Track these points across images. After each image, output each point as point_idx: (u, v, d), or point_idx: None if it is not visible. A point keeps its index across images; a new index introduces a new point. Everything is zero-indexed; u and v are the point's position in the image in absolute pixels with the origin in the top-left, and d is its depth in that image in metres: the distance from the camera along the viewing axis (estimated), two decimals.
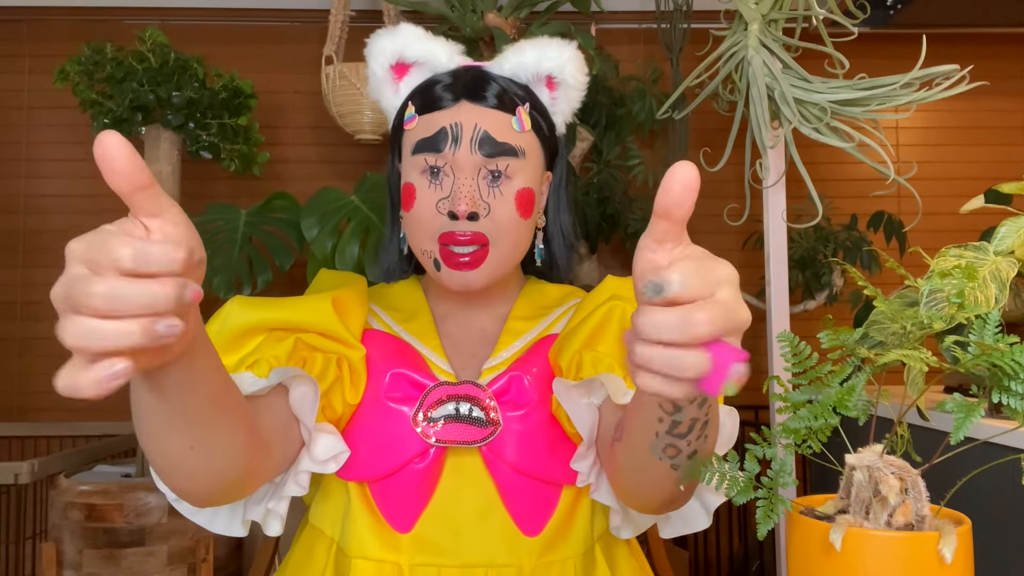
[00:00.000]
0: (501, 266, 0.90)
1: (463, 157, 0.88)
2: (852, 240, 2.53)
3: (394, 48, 0.94)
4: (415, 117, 0.92)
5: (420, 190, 0.89)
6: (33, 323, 2.83)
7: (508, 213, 0.88)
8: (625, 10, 2.79)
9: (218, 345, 0.82)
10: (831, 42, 1.67)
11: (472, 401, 0.86)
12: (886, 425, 0.60)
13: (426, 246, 0.89)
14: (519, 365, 0.90)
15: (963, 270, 0.68)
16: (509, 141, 0.89)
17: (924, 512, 0.54)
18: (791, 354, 0.61)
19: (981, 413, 0.52)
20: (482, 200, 0.88)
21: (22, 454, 2.73)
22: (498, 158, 0.88)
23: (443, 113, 0.89)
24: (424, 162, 0.89)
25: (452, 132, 0.88)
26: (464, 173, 0.88)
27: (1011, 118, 3.02)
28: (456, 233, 0.86)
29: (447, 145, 0.88)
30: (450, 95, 0.90)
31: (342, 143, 2.77)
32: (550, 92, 0.94)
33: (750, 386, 1.33)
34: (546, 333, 0.95)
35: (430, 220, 0.88)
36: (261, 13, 2.88)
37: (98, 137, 0.45)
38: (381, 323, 0.96)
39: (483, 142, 0.88)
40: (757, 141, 1.67)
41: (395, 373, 0.88)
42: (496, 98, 0.90)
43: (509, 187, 0.89)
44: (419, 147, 0.90)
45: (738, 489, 0.57)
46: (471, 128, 0.88)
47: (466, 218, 0.86)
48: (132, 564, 2.04)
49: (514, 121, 0.90)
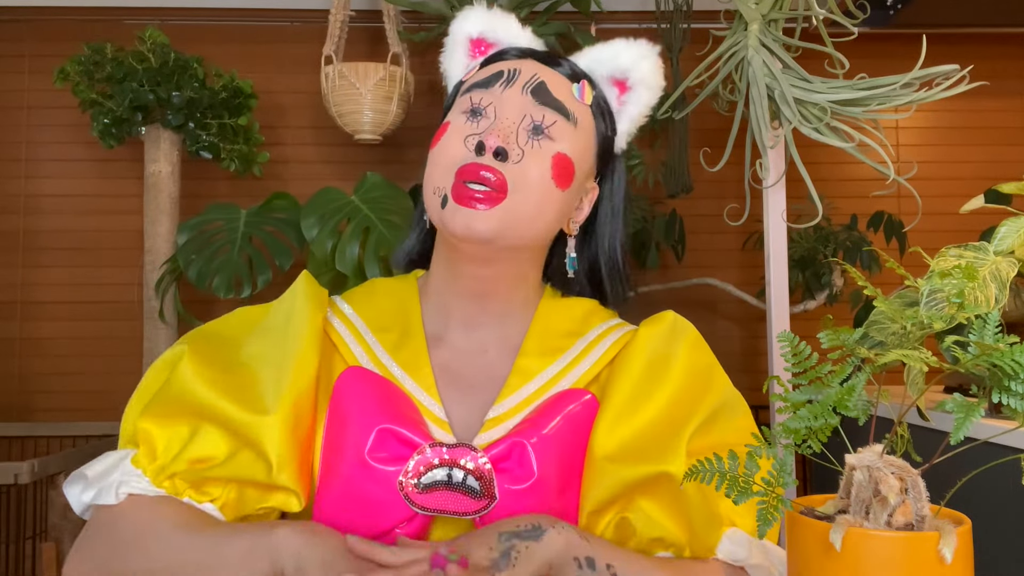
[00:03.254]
0: (514, 223, 0.78)
1: (511, 95, 0.81)
2: (852, 240, 2.53)
3: (484, 24, 0.89)
4: (475, 68, 0.87)
5: (453, 126, 0.82)
6: (33, 323, 2.83)
7: (540, 169, 0.79)
8: (625, 10, 2.79)
9: (156, 401, 0.78)
10: (831, 42, 1.67)
11: (466, 469, 0.76)
12: (886, 425, 0.60)
13: (440, 182, 0.79)
14: (524, 426, 0.79)
15: (963, 270, 0.68)
16: (564, 101, 0.82)
17: (924, 512, 0.54)
18: (791, 354, 0.61)
19: (981, 413, 0.52)
20: (517, 145, 0.79)
21: (22, 454, 2.73)
22: (547, 109, 0.81)
23: (505, 63, 0.84)
24: (469, 101, 0.82)
25: (508, 74, 0.83)
26: (507, 112, 0.80)
27: (1011, 118, 3.02)
28: (478, 165, 0.77)
29: (499, 83, 0.82)
30: (519, 52, 0.86)
31: (342, 143, 2.77)
32: (620, 97, 0.88)
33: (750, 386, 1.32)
34: (562, 378, 0.84)
35: (454, 152, 0.79)
36: (261, 13, 2.88)
37: None
38: (367, 352, 0.84)
39: (537, 89, 0.82)
40: (757, 141, 1.67)
41: (382, 430, 0.77)
42: (564, 66, 0.85)
43: (549, 146, 0.80)
44: (469, 87, 0.84)
45: (738, 489, 0.57)
46: (529, 74, 0.83)
47: (493, 154, 0.77)
48: None
49: (575, 88, 0.84)
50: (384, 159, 2.85)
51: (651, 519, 0.76)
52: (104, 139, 2.27)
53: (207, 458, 0.76)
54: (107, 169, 2.85)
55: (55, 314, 2.83)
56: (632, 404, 0.79)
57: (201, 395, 0.77)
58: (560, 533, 0.70)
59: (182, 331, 2.30)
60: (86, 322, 2.82)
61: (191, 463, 0.76)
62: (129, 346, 2.75)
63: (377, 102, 2.40)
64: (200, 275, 2.10)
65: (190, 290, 2.23)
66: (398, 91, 2.42)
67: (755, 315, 2.83)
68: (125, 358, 2.76)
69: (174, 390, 0.78)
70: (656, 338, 0.85)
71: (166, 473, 0.75)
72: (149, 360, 2.25)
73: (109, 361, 2.81)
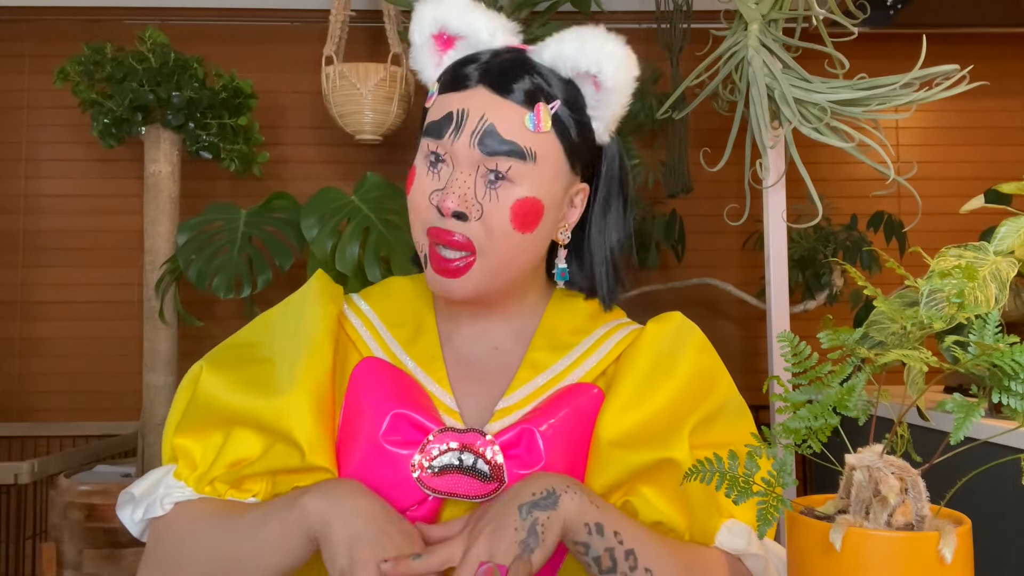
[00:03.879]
0: (489, 279, 0.81)
1: (460, 149, 0.79)
2: (852, 240, 2.53)
3: (435, 16, 0.85)
4: (435, 95, 0.84)
5: (419, 176, 0.83)
6: (33, 323, 2.83)
7: (500, 222, 0.79)
8: (625, 10, 2.79)
9: (186, 418, 0.82)
10: (831, 42, 1.67)
11: (477, 452, 0.78)
12: (886, 425, 0.60)
13: (419, 238, 0.83)
14: (533, 415, 0.81)
15: (963, 270, 0.68)
16: (517, 140, 0.79)
17: (924, 512, 0.54)
18: (791, 354, 0.61)
19: (981, 413, 0.52)
20: (475, 201, 0.79)
21: (22, 454, 2.73)
22: (499, 157, 0.79)
23: (456, 96, 0.81)
24: (427, 147, 0.82)
25: (456, 119, 0.80)
26: (461, 167, 0.80)
27: (1011, 118, 3.02)
28: (443, 231, 0.79)
29: (448, 132, 0.80)
30: (475, 76, 0.81)
31: (342, 143, 2.77)
32: (595, 92, 0.83)
33: (750, 386, 1.33)
34: (570, 372, 0.86)
35: (422, 210, 0.81)
36: (261, 13, 2.89)
37: None
38: (382, 345, 0.87)
39: (485, 137, 0.79)
40: (757, 141, 1.67)
41: (396, 415, 0.80)
42: (520, 90, 0.80)
43: (508, 193, 0.79)
44: (426, 130, 0.83)
45: (738, 489, 0.57)
46: (477, 118, 0.79)
47: (451, 216, 0.78)
48: (132, 564, 2.04)
49: (528, 119, 0.79)
50: (384, 159, 2.85)
51: (652, 505, 0.78)
52: (104, 139, 2.27)
53: (243, 459, 0.79)
54: (107, 169, 2.85)
55: (55, 314, 2.83)
56: (638, 395, 0.81)
57: (225, 401, 0.80)
58: (573, 497, 0.72)
59: (182, 331, 2.30)
60: (86, 322, 2.82)
61: (229, 467, 0.79)
62: (129, 346, 2.75)
63: (378, 102, 2.40)
64: (200, 275, 2.10)
65: (190, 290, 2.23)
66: (399, 91, 2.42)
67: (755, 315, 2.83)
68: (125, 358, 2.76)
69: (200, 404, 0.82)
70: (663, 337, 0.86)
71: (206, 479, 0.80)
72: (149, 360, 2.25)
73: (109, 361, 2.81)
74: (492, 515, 0.71)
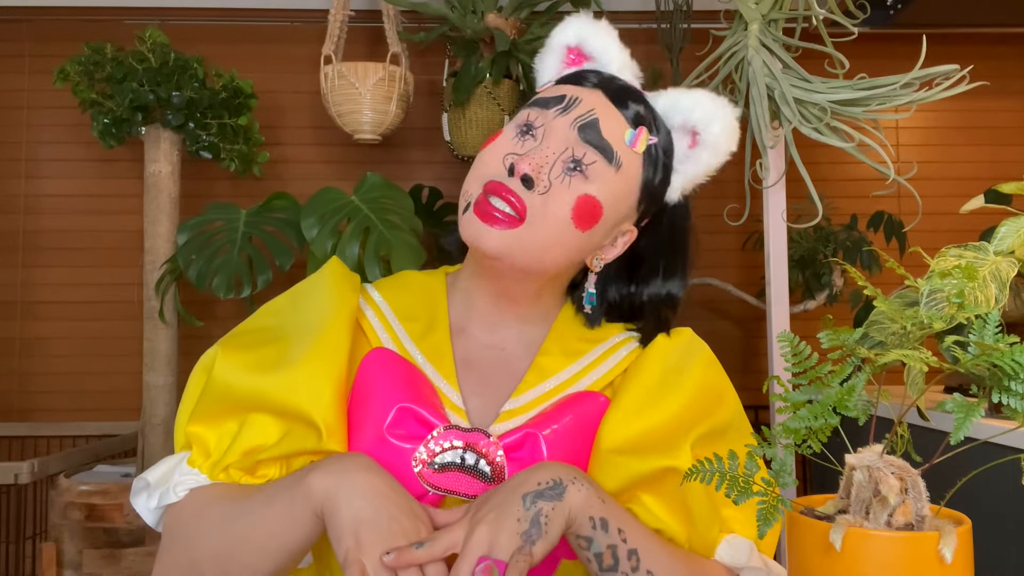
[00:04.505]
0: (520, 251, 0.80)
1: (560, 125, 0.81)
2: (852, 240, 2.53)
3: (580, 32, 0.89)
4: (551, 83, 0.87)
5: (503, 137, 0.83)
6: (33, 323, 2.83)
7: (560, 207, 0.79)
8: (625, 10, 2.79)
9: (201, 405, 0.81)
10: (831, 42, 1.67)
11: (480, 452, 0.79)
12: (886, 425, 0.60)
13: (471, 188, 0.81)
14: (538, 420, 0.81)
15: (963, 270, 0.68)
16: (612, 144, 0.81)
17: (924, 512, 0.54)
18: (791, 354, 0.61)
19: (981, 413, 0.52)
20: (547, 176, 0.79)
21: (22, 454, 2.73)
22: (590, 148, 0.80)
23: (574, 88, 0.84)
24: (526, 116, 0.83)
25: (568, 100, 0.82)
26: (551, 140, 0.80)
27: (1011, 118, 3.02)
28: (502, 187, 0.78)
29: (555, 108, 0.82)
30: (594, 79, 0.85)
31: (342, 143, 2.77)
32: (688, 148, 0.85)
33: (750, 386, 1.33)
34: (578, 379, 0.86)
35: (489, 165, 0.81)
36: (261, 13, 2.88)
37: None
38: (392, 337, 0.87)
39: (588, 125, 0.81)
40: (757, 141, 1.67)
41: (401, 408, 0.80)
42: (632, 109, 0.83)
43: (580, 185, 0.80)
44: (533, 102, 0.85)
45: (738, 489, 0.57)
46: (586, 108, 0.82)
47: (521, 178, 0.78)
48: (132, 564, 2.04)
49: (629, 133, 0.82)
50: (384, 159, 2.85)
51: (652, 513, 0.77)
52: (104, 139, 2.27)
53: (259, 446, 0.79)
54: (107, 169, 2.85)
55: (55, 314, 2.83)
56: (642, 405, 0.80)
57: (241, 386, 0.80)
58: (579, 490, 0.71)
59: (182, 331, 2.30)
60: (86, 322, 2.82)
61: (244, 454, 0.79)
62: (129, 346, 2.75)
63: (377, 102, 2.40)
64: (200, 275, 2.10)
65: (190, 290, 2.23)
66: (398, 91, 2.42)
67: (755, 315, 2.83)
68: (125, 358, 2.76)
69: (216, 391, 0.81)
70: (672, 351, 0.86)
71: (221, 466, 0.79)
72: (149, 360, 2.25)
73: (109, 361, 2.81)
74: (495, 503, 0.70)
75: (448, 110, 2.50)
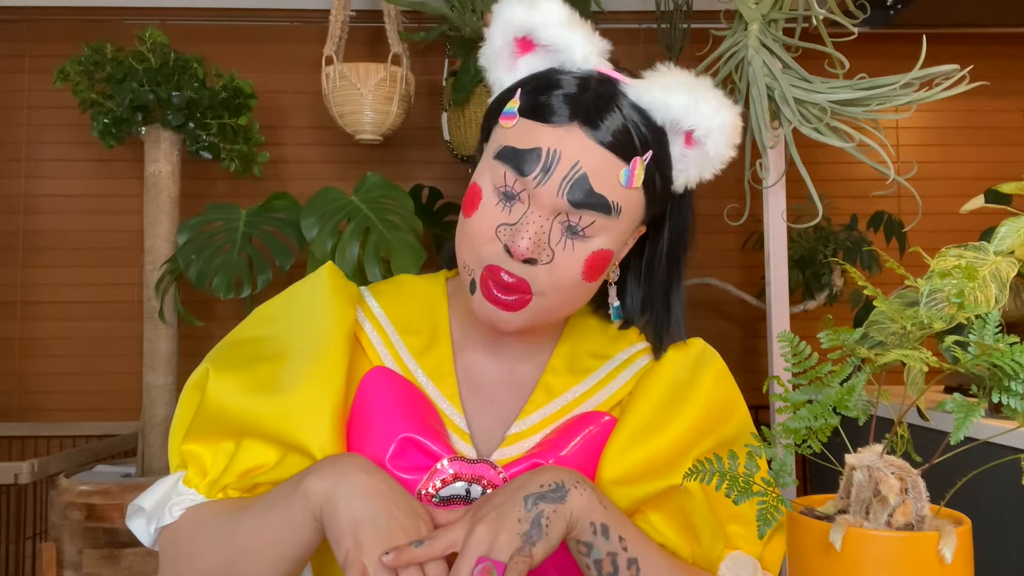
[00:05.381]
0: (542, 316, 0.77)
1: (546, 194, 0.74)
2: (852, 240, 2.53)
3: (527, 22, 0.77)
4: (515, 116, 0.76)
5: (486, 203, 0.76)
6: (33, 323, 2.83)
7: (570, 273, 0.75)
8: (625, 10, 2.79)
9: (195, 424, 0.79)
10: (831, 42, 1.67)
11: (484, 486, 0.77)
12: (886, 425, 0.60)
13: (470, 263, 0.77)
14: (545, 447, 0.79)
15: (963, 270, 0.68)
16: (607, 195, 0.74)
17: (924, 512, 0.54)
18: (791, 354, 0.61)
19: (981, 413, 0.52)
20: (548, 247, 0.74)
21: (22, 454, 2.73)
22: (585, 211, 0.74)
23: (548, 131, 0.74)
24: (503, 177, 0.75)
25: (546, 159, 0.73)
26: (541, 211, 0.74)
27: (1011, 118, 3.02)
28: (503, 272, 0.74)
29: (534, 172, 0.74)
30: (566, 111, 0.74)
31: (342, 143, 2.77)
32: (685, 147, 0.78)
33: (750, 386, 1.33)
34: (586, 399, 0.83)
35: (483, 242, 0.75)
36: (261, 13, 2.88)
37: None
38: (393, 354, 0.84)
39: (576, 186, 0.73)
40: (757, 141, 1.67)
41: (404, 439, 0.77)
42: (614, 135, 0.74)
43: (585, 246, 0.75)
44: (505, 155, 0.75)
45: (738, 489, 0.57)
46: (569, 164, 0.73)
47: (522, 261, 0.73)
48: (132, 564, 2.04)
49: (623, 173, 0.74)
50: (384, 159, 2.85)
51: (657, 530, 0.77)
52: (104, 139, 2.27)
53: (257, 467, 0.77)
54: (107, 169, 2.85)
55: (55, 314, 2.83)
56: (648, 429, 0.79)
57: (236, 410, 0.78)
58: (582, 494, 0.70)
59: (182, 331, 2.30)
60: (86, 322, 2.82)
61: (242, 475, 0.77)
62: (129, 346, 2.75)
63: (378, 102, 2.40)
64: (200, 275, 2.10)
65: (190, 290, 2.23)
66: (399, 91, 2.42)
67: (755, 315, 2.83)
68: (125, 358, 2.76)
69: (210, 411, 0.79)
70: (682, 365, 0.84)
71: (218, 486, 0.78)
72: (149, 360, 2.25)
73: (109, 361, 2.81)
74: (496, 503, 0.69)
75: (448, 110, 2.50)
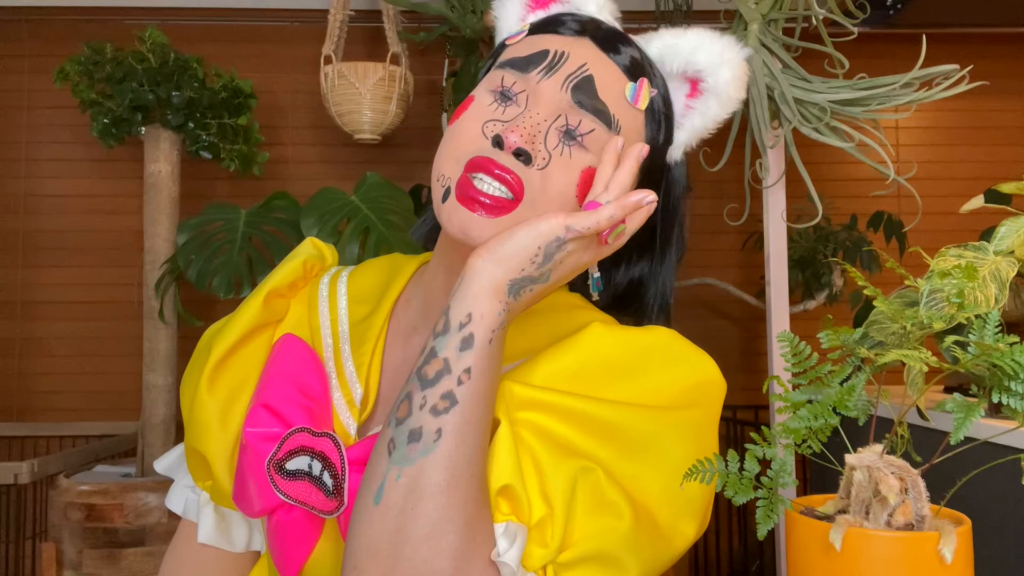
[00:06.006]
0: None
1: (548, 88, 0.67)
2: (852, 240, 2.53)
3: None
4: (523, 34, 0.72)
5: (477, 103, 0.68)
6: (33, 323, 2.83)
7: (564, 184, 0.65)
8: (625, 10, 2.79)
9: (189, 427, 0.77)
10: (831, 42, 1.67)
11: (325, 462, 0.67)
12: (886, 425, 0.60)
13: (447, 170, 0.66)
14: None
15: (963, 270, 0.68)
16: (610, 106, 0.68)
17: (924, 512, 0.54)
18: (791, 354, 0.61)
19: (981, 413, 0.52)
20: (545, 147, 0.65)
21: (22, 454, 2.73)
22: (586, 114, 0.67)
23: (556, 38, 0.70)
24: (500, 80, 0.68)
25: (553, 57, 0.68)
26: (540, 106, 0.67)
27: (1011, 118, 3.03)
28: (492, 162, 0.63)
29: (538, 69, 0.68)
30: (576, 26, 0.70)
31: (342, 143, 2.77)
32: (687, 99, 0.74)
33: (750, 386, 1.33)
34: None
35: (468, 140, 0.66)
36: (261, 13, 2.89)
37: None
38: (332, 317, 0.78)
39: (580, 85, 0.67)
40: (757, 141, 1.67)
41: (262, 405, 0.70)
42: (627, 55, 0.70)
43: (581, 156, 0.66)
44: (505, 63, 0.70)
45: (738, 489, 0.57)
46: (577, 64, 0.68)
47: (513, 152, 0.64)
48: (132, 564, 2.04)
49: (630, 88, 0.69)
50: (384, 159, 2.85)
51: (526, 442, 0.63)
52: (104, 139, 2.27)
53: None
54: (107, 169, 2.85)
55: (55, 314, 2.83)
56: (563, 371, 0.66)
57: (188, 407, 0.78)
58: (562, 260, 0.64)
59: (182, 331, 2.30)
60: (86, 322, 2.82)
61: None
62: (129, 346, 2.75)
63: (376, 102, 2.40)
64: (200, 275, 2.10)
65: (190, 290, 2.23)
66: (397, 91, 2.42)
67: (755, 315, 2.83)
68: (125, 358, 2.76)
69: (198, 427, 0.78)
70: (622, 345, 0.69)
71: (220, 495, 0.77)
72: (149, 360, 2.25)
73: (109, 361, 2.81)
74: None
75: (448, 110, 2.50)
